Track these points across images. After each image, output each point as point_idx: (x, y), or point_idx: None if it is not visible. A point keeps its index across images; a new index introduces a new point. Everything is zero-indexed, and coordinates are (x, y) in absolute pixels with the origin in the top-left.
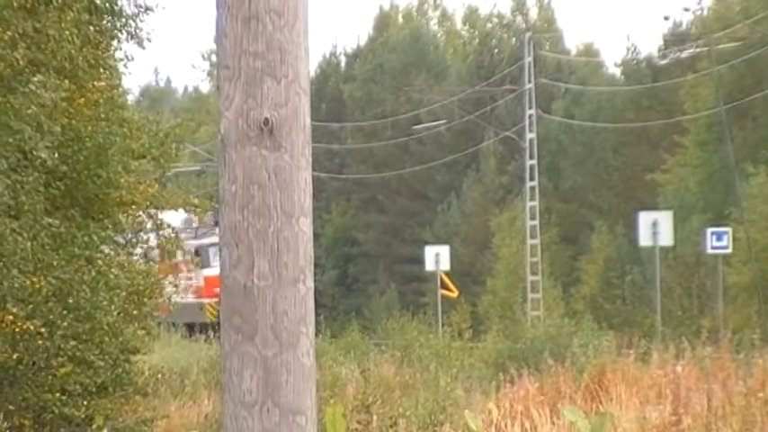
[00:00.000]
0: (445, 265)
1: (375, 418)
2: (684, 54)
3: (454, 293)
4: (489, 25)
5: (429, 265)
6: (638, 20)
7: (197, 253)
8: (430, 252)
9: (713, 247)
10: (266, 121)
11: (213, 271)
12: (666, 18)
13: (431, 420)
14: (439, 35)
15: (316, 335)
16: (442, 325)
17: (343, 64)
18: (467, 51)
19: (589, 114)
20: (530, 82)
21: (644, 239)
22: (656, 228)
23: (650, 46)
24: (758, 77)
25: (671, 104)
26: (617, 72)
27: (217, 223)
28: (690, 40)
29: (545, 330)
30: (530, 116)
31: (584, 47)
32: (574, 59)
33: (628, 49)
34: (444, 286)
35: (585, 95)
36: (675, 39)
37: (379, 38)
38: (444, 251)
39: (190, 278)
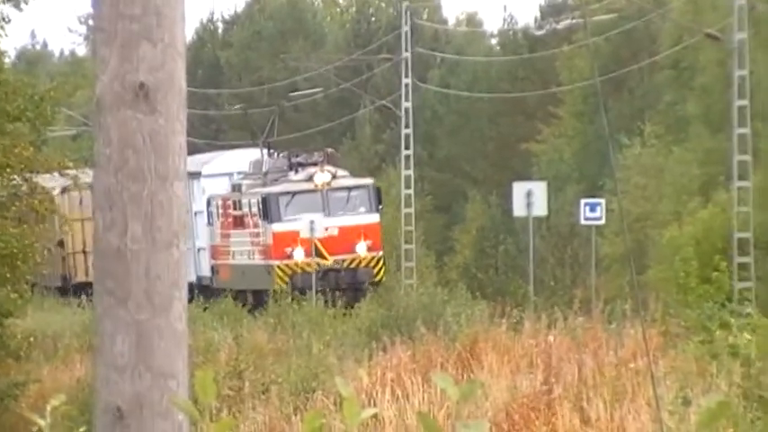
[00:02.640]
0: (320, 232)
1: (247, 384)
2: (561, 25)
3: (328, 260)
4: None
5: (304, 233)
6: None
7: (264, 203)
8: (305, 219)
9: (587, 218)
10: (142, 85)
11: (285, 226)
12: None
13: (303, 387)
14: (316, 3)
15: (189, 300)
16: (316, 292)
17: (220, 30)
18: (344, 19)
19: (465, 84)
20: (406, 51)
21: (518, 209)
22: (530, 198)
23: (528, 16)
24: (634, 49)
25: (547, 75)
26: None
27: (291, 166)
28: (566, 11)
29: (418, 299)
30: (406, 85)
31: (468, 16)
32: (452, 29)
33: (504, 20)
34: (319, 253)
35: (462, 65)
36: (552, 9)
37: (256, 4)
38: (319, 218)
39: (256, 234)
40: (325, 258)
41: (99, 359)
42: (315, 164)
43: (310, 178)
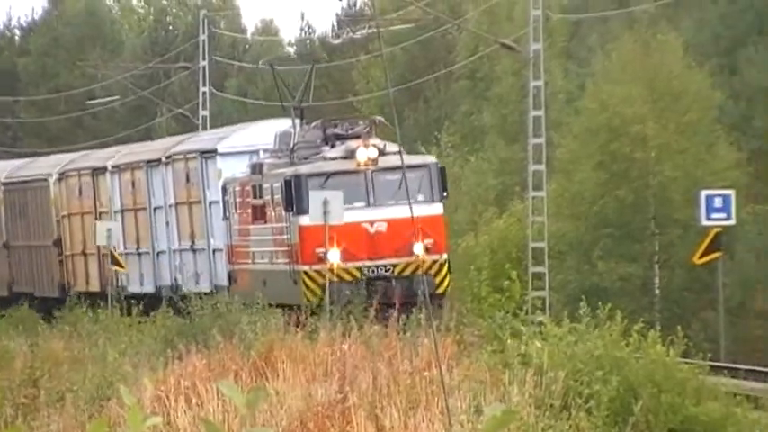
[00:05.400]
0: (117, 240)
1: (42, 392)
2: (358, 34)
3: (125, 268)
4: (164, 2)
5: (100, 240)
6: None
7: (288, 188)
8: (101, 227)
9: None
10: None
11: (315, 219)
12: None
13: (98, 395)
14: (114, 10)
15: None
16: (113, 301)
17: (17, 37)
18: (142, 27)
19: (263, 93)
20: (204, 59)
21: (314, 219)
22: (326, 207)
23: (325, 25)
24: (431, 59)
25: (344, 84)
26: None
27: (327, 139)
28: (363, 21)
29: (213, 307)
30: (203, 93)
31: (264, 24)
32: (250, 38)
33: (302, 29)
34: (115, 261)
35: (259, 74)
36: (349, 19)
37: (54, 11)
38: (116, 227)
39: (279, 230)
40: (121, 266)
41: None
42: (357, 136)
43: (351, 154)
